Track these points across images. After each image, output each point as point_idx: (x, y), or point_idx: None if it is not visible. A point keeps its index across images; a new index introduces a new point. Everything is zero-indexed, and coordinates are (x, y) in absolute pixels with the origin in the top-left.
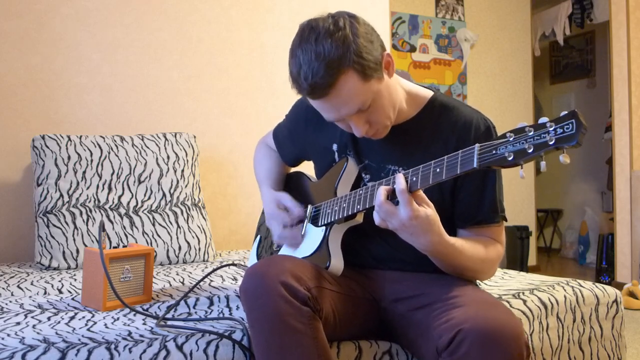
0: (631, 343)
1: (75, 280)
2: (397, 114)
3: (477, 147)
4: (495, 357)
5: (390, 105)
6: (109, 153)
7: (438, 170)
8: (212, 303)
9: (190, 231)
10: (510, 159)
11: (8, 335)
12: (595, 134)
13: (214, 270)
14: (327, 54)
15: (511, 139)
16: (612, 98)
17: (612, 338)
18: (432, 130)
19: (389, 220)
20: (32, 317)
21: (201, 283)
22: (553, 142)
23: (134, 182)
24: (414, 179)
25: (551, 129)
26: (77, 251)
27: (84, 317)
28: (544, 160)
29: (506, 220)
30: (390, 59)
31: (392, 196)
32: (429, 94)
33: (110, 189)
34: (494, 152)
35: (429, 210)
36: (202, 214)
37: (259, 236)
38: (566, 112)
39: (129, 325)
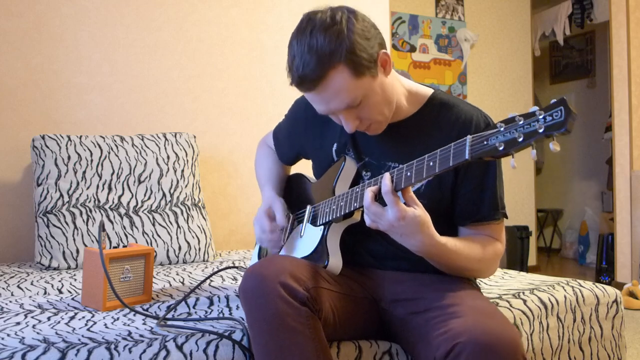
0: (631, 343)
1: (75, 280)
2: (397, 111)
3: (469, 139)
4: None
5: (384, 103)
6: (109, 153)
7: (432, 163)
8: (212, 303)
9: (190, 231)
10: (501, 149)
11: (8, 335)
12: (595, 134)
13: (214, 273)
14: (319, 47)
15: (502, 129)
16: (612, 98)
17: (612, 338)
18: (432, 127)
19: (378, 221)
20: (32, 317)
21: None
22: (542, 129)
23: (134, 182)
24: (409, 173)
25: (540, 117)
26: (77, 251)
27: (84, 317)
28: (534, 149)
29: (507, 217)
30: (387, 58)
31: (380, 196)
32: (429, 91)
33: (110, 189)
34: (485, 142)
35: (418, 211)
36: (202, 214)
37: None
38: (555, 99)
39: (129, 325)
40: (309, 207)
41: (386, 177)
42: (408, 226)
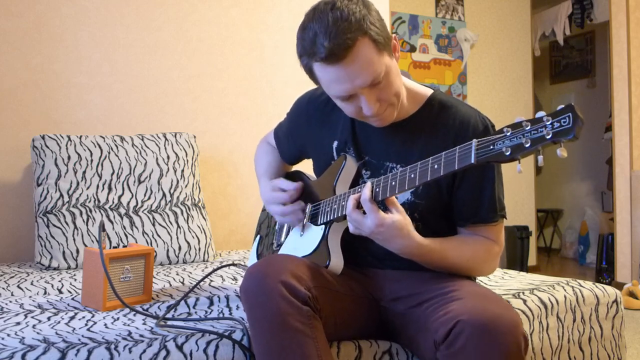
0: (631, 343)
1: (75, 280)
2: (399, 109)
3: (474, 143)
4: (493, 348)
5: (399, 84)
6: (109, 153)
7: (436, 166)
8: (212, 303)
9: (190, 231)
10: (507, 154)
11: (8, 335)
12: (595, 134)
13: (214, 270)
14: (345, 18)
15: (508, 133)
16: (612, 98)
17: (612, 338)
18: (431, 127)
19: (360, 228)
20: (32, 317)
21: (201, 283)
22: (550, 136)
23: (134, 182)
24: (412, 175)
25: (548, 123)
26: (77, 251)
27: (84, 317)
28: (541, 155)
29: (506, 218)
30: (397, 43)
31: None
32: (428, 92)
33: (110, 189)
34: (491, 147)
35: (396, 216)
36: (202, 214)
37: (259, 235)
38: (563, 105)
39: (129, 325)
40: (309, 205)
41: (367, 187)
42: (387, 232)
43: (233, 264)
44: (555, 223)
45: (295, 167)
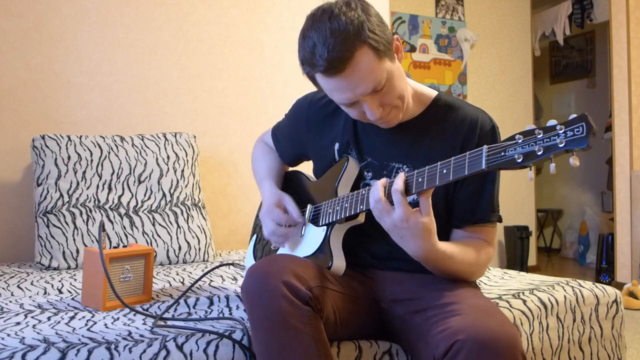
0: (631, 343)
1: (75, 280)
2: (405, 110)
3: (485, 149)
4: None
5: (403, 86)
6: (109, 153)
7: (445, 171)
8: (212, 303)
9: (190, 231)
10: (519, 160)
11: (8, 335)
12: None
13: (212, 269)
14: (343, 29)
15: (520, 141)
16: (612, 98)
17: (612, 338)
18: (437, 128)
19: (382, 218)
20: (32, 317)
21: (201, 283)
22: (563, 144)
23: (134, 182)
24: (420, 179)
25: (561, 131)
26: (77, 251)
27: (84, 317)
28: (553, 163)
29: (500, 221)
30: (400, 44)
31: (389, 194)
32: (433, 93)
33: (110, 189)
34: (502, 153)
35: (423, 218)
36: (202, 214)
37: (255, 235)
38: (575, 115)
39: (129, 325)
40: (309, 206)
41: (400, 177)
42: (410, 229)
43: (232, 264)
44: (555, 223)
45: (294, 168)
